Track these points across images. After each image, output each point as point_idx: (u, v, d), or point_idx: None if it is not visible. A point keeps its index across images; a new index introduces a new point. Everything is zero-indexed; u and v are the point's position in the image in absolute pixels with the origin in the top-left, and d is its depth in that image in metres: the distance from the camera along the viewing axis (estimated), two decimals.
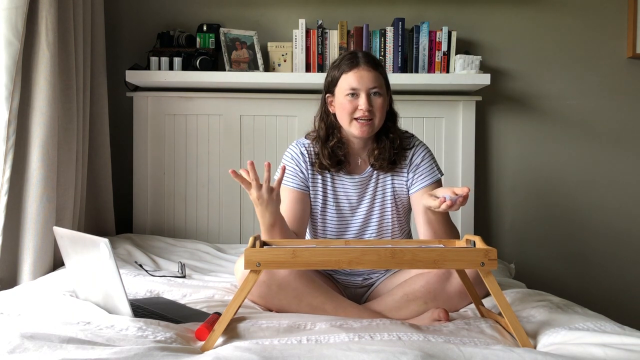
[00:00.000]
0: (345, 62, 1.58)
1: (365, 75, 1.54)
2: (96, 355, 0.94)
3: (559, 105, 2.66)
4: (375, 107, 1.55)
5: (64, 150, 2.01)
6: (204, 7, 2.61)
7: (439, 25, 2.52)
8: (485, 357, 0.98)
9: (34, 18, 1.88)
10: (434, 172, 1.65)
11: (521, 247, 2.67)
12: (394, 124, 1.64)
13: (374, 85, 1.54)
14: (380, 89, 1.56)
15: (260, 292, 1.44)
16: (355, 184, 1.64)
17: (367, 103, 1.53)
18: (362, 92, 1.54)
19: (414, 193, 1.63)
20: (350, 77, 1.55)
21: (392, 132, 1.62)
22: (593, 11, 2.65)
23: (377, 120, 1.56)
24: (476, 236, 1.26)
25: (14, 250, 1.85)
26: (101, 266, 1.18)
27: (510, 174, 2.67)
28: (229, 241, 2.50)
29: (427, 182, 1.63)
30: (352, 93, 1.55)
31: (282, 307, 1.44)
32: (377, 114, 1.55)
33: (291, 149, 1.68)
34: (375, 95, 1.55)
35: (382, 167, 1.62)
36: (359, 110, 1.54)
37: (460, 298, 1.48)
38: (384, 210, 1.65)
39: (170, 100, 2.52)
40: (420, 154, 1.65)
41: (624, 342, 1.07)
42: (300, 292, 1.43)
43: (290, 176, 1.64)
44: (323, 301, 1.44)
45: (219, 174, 2.53)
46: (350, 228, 1.65)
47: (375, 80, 1.55)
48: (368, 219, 1.65)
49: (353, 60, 1.57)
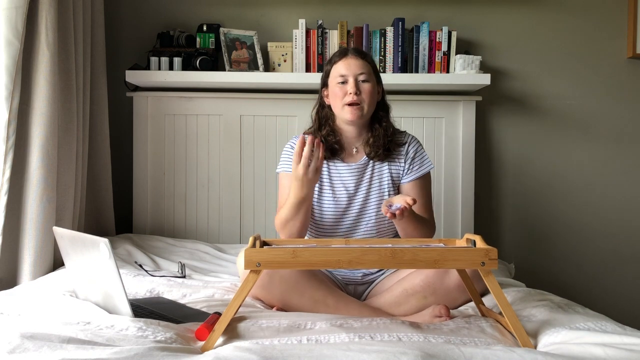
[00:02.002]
0: (335, 55, 1.72)
1: (353, 63, 1.66)
2: (96, 355, 0.94)
3: (559, 105, 2.66)
4: (364, 92, 1.64)
5: (64, 150, 2.01)
6: (204, 7, 2.61)
7: (439, 25, 2.52)
8: (486, 357, 0.98)
9: (34, 18, 1.88)
10: (424, 165, 1.74)
11: (521, 246, 2.67)
12: (387, 114, 1.74)
13: (361, 72, 1.65)
14: (368, 75, 1.66)
15: (263, 283, 1.45)
16: (352, 172, 1.71)
17: (355, 86, 1.64)
18: (350, 77, 1.65)
19: (404, 184, 1.72)
20: (339, 66, 1.68)
21: (385, 121, 1.72)
22: (593, 11, 2.65)
23: (367, 105, 1.65)
24: (476, 235, 1.26)
25: (14, 250, 1.85)
26: (101, 266, 1.18)
27: (510, 174, 2.67)
28: (229, 241, 2.50)
29: (418, 175, 1.72)
30: (341, 81, 1.66)
31: (283, 299, 1.45)
32: (365, 99, 1.65)
33: (291, 141, 1.79)
34: (363, 81, 1.65)
35: (378, 154, 1.70)
36: (348, 95, 1.64)
37: (460, 292, 1.49)
38: (381, 197, 1.70)
39: (170, 100, 2.52)
40: (414, 147, 1.75)
41: (624, 342, 1.07)
42: (302, 284, 1.45)
43: (290, 164, 1.70)
44: (325, 295, 1.46)
45: (219, 174, 2.53)
46: (348, 215, 1.69)
47: (363, 67, 1.66)
48: (365, 207, 1.69)
49: (342, 52, 1.71)
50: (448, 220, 2.52)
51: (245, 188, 2.53)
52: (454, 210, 2.53)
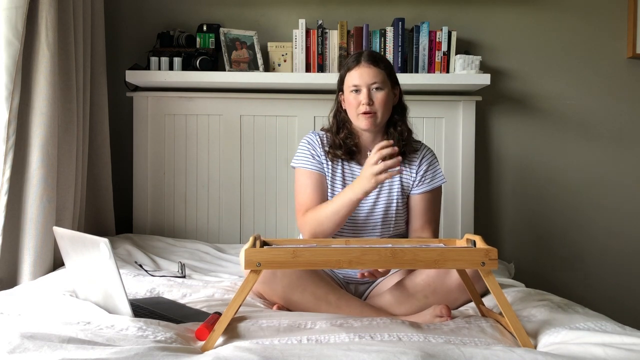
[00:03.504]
0: (350, 61, 1.69)
1: (365, 72, 1.63)
2: (96, 355, 0.94)
3: (559, 105, 2.66)
4: (377, 101, 1.63)
5: (64, 150, 2.01)
6: (204, 7, 2.61)
7: (439, 25, 2.52)
8: (486, 357, 0.98)
9: (34, 18, 1.88)
10: (436, 179, 1.74)
11: (521, 246, 2.67)
12: (402, 117, 1.73)
13: (373, 81, 1.63)
14: (382, 83, 1.64)
15: (265, 279, 1.45)
16: None
17: (368, 98, 1.62)
18: (363, 88, 1.63)
19: (414, 195, 1.72)
20: (352, 75, 1.65)
21: (400, 125, 1.71)
22: (593, 11, 2.65)
23: (380, 113, 1.64)
24: (476, 235, 1.26)
25: (14, 250, 1.85)
26: (101, 266, 1.18)
27: (510, 174, 2.67)
28: (229, 241, 2.50)
29: (428, 188, 1.73)
30: (355, 89, 1.65)
31: (285, 296, 1.45)
32: (379, 108, 1.64)
33: (308, 136, 1.76)
34: (377, 90, 1.63)
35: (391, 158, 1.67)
36: (362, 105, 1.63)
37: (460, 292, 1.49)
38: (390, 201, 1.70)
39: (170, 100, 2.52)
40: (428, 159, 1.74)
41: (624, 342, 1.07)
42: (304, 281, 1.45)
43: (309, 160, 1.71)
44: (326, 292, 1.46)
45: (219, 174, 2.53)
46: (355, 219, 1.70)
47: (376, 76, 1.63)
48: (372, 212, 1.70)
49: (356, 59, 1.67)
50: (448, 220, 2.52)
51: (245, 188, 2.53)
52: (454, 210, 2.53)
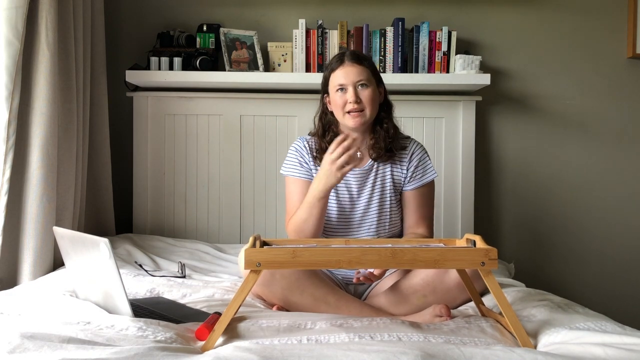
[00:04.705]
0: (333, 62, 1.70)
1: (350, 71, 1.65)
2: (96, 355, 0.94)
3: (559, 105, 2.66)
4: (364, 98, 1.64)
5: (64, 150, 2.01)
6: (204, 7, 2.61)
7: (439, 25, 2.52)
8: (486, 357, 0.98)
9: (34, 18, 1.88)
10: (427, 174, 1.75)
11: (521, 246, 2.67)
12: (388, 114, 1.74)
13: (359, 79, 1.64)
14: (368, 81, 1.65)
15: (264, 281, 1.45)
16: (356, 177, 1.72)
17: (355, 95, 1.63)
18: (349, 86, 1.64)
19: (406, 191, 1.73)
20: (337, 75, 1.67)
21: (386, 122, 1.72)
22: (593, 11, 2.65)
23: (368, 110, 1.66)
24: (476, 235, 1.26)
25: (14, 250, 1.85)
26: (101, 266, 1.18)
27: (510, 174, 2.67)
28: (229, 241, 2.50)
29: (420, 183, 1.74)
30: (340, 88, 1.66)
31: (284, 297, 1.45)
32: (367, 105, 1.65)
33: (295, 143, 1.79)
34: (363, 87, 1.65)
35: (380, 156, 1.70)
36: (349, 103, 1.64)
37: (459, 291, 1.49)
38: (383, 199, 1.71)
39: (170, 100, 2.52)
40: (418, 155, 1.75)
41: (624, 342, 1.07)
42: (303, 282, 1.45)
43: (297, 168, 1.73)
44: (326, 293, 1.46)
45: (219, 174, 2.53)
46: (350, 220, 1.71)
47: (360, 73, 1.65)
48: (367, 209, 1.71)
49: (339, 59, 1.69)
50: (448, 220, 2.52)
51: (245, 188, 2.53)
52: (454, 210, 2.53)
